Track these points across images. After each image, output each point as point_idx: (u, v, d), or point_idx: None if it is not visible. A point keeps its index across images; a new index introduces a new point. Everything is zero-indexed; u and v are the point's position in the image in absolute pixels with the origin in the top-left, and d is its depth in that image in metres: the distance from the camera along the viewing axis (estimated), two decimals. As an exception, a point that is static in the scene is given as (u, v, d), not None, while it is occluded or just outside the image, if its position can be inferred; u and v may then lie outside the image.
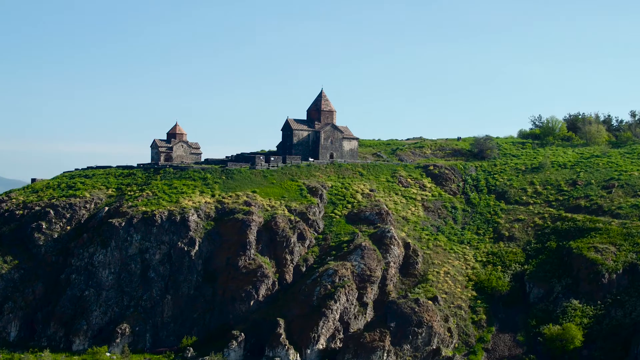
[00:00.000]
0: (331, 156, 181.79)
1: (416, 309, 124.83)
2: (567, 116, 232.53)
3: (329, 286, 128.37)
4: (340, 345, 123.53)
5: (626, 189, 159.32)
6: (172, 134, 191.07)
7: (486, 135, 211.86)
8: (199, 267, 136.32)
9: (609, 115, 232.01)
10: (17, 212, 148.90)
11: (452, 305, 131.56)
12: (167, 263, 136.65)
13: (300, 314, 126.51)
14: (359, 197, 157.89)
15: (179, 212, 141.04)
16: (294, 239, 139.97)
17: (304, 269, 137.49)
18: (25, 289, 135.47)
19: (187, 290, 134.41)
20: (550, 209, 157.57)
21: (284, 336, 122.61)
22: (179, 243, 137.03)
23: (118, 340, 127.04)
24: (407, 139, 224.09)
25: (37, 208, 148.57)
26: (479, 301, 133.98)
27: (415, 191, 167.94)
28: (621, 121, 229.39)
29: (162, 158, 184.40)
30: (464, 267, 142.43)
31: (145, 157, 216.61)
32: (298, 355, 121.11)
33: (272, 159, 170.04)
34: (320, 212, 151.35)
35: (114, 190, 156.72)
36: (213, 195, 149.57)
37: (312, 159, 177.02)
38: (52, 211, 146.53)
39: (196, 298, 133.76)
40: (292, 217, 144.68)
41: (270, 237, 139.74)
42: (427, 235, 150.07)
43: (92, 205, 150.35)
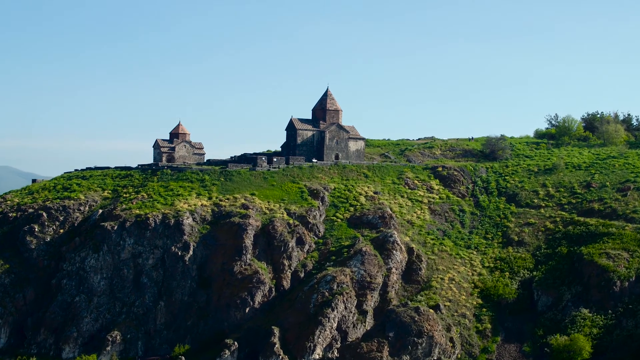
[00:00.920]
0: (336, 157, 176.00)
1: (416, 318, 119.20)
2: (585, 115, 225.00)
3: (327, 293, 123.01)
4: (338, 356, 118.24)
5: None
6: (175, 134, 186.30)
7: (501, 135, 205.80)
8: (193, 272, 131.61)
9: (628, 115, 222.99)
10: (10, 215, 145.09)
11: (455, 314, 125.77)
12: (160, 268, 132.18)
13: (297, 322, 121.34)
14: (363, 199, 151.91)
15: (173, 215, 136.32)
16: (292, 243, 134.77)
17: (302, 275, 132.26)
18: (15, 294, 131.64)
19: (181, 297, 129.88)
20: (563, 213, 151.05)
21: (278, 345, 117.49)
22: (173, 247, 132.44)
23: (108, 348, 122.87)
24: (418, 139, 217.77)
25: (30, 210, 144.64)
26: (484, 309, 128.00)
27: (422, 193, 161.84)
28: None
29: (164, 158, 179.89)
30: (470, 274, 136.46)
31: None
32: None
33: (275, 159, 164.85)
34: (321, 215, 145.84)
35: (109, 192, 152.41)
36: (210, 198, 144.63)
37: (316, 160, 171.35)
38: (45, 214, 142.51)
39: (190, 305, 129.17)
40: (291, 221, 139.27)
41: (268, 241, 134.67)
42: (432, 239, 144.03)
43: (87, 208, 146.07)
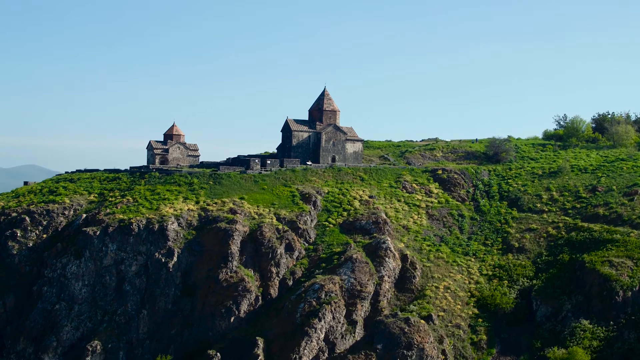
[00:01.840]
0: (333, 159, 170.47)
1: (406, 329, 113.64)
2: (596, 115, 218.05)
3: (314, 302, 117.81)
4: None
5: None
6: (169, 135, 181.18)
7: (508, 137, 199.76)
8: (177, 279, 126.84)
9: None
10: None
11: (449, 324, 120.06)
12: (143, 275, 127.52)
13: (282, 333, 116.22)
14: (357, 204, 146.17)
15: (157, 220, 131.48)
16: (280, 250, 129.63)
17: (290, 283, 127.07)
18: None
19: (164, 305, 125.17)
20: (566, 218, 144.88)
21: (262, 357, 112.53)
22: (157, 254, 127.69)
23: (88, 359, 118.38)
24: (421, 140, 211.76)
25: (13, 214, 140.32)
26: (480, 320, 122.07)
27: (420, 197, 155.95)
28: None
29: (157, 160, 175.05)
30: (467, 282, 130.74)
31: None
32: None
33: (269, 162, 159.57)
34: (312, 220, 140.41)
35: (96, 195, 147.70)
36: (197, 202, 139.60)
37: (311, 163, 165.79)
38: (28, 218, 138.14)
39: (174, 313, 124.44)
40: (281, 226, 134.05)
41: (255, 247, 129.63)
42: (428, 246, 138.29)
43: (71, 212, 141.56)
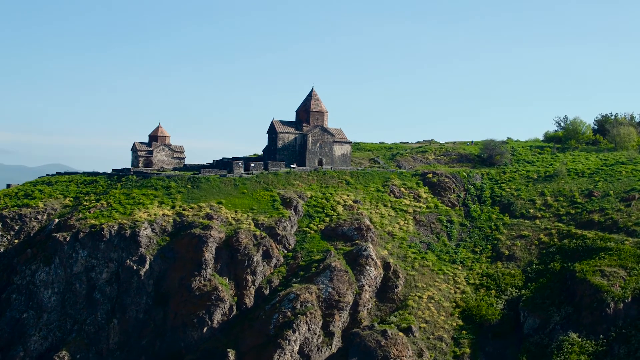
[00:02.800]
0: (320, 162, 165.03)
1: (382, 342, 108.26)
2: (598, 117, 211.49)
3: (289, 313, 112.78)
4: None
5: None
6: (154, 137, 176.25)
7: (507, 138, 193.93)
8: (149, 288, 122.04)
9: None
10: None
11: (431, 337, 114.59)
12: (114, 283, 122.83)
13: (255, 345, 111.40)
14: (340, 209, 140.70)
15: (130, 226, 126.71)
16: (257, 257, 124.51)
17: (267, 292, 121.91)
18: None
19: (136, 314, 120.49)
20: (559, 224, 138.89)
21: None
22: (128, 261, 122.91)
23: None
24: (416, 142, 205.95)
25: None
26: (464, 332, 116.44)
27: (407, 202, 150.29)
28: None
29: (140, 163, 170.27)
30: (452, 291, 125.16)
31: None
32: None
33: (252, 165, 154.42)
34: (292, 226, 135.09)
35: (71, 199, 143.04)
36: (173, 207, 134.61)
37: (295, 166, 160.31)
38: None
39: (145, 323, 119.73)
40: (258, 233, 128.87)
41: (231, 255, 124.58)
42: (413, 253, 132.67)
43: (45, 217, 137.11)
